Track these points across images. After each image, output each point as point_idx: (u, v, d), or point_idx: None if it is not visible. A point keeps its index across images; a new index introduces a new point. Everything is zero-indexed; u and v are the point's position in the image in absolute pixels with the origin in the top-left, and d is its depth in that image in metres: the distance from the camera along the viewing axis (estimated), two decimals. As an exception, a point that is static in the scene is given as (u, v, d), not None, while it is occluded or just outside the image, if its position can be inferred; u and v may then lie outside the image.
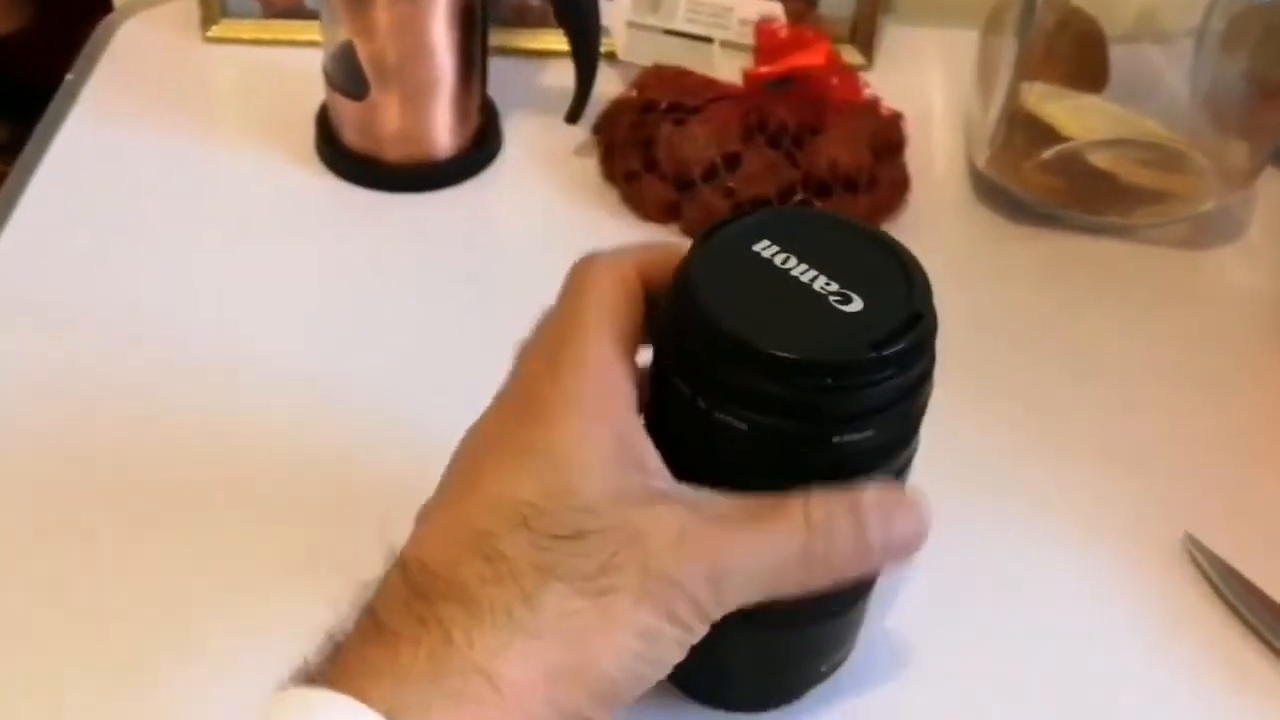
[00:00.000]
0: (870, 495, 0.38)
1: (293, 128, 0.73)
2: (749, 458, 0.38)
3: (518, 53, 0.79)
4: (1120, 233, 0.70)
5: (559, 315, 0.40)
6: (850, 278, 0.38)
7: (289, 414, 0.58)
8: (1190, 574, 0.54)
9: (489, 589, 0.35)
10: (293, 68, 0.76)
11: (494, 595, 0.35)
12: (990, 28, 0.73)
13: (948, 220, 0.71)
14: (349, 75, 0.68)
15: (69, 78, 0.76)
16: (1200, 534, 0.55)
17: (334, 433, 0.57)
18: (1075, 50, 0.69)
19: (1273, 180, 0.71)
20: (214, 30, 0.79)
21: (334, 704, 0.33)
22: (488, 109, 0.73)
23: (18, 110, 0.84)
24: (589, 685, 0.35)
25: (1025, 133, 0.69)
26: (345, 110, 0.70)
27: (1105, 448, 0.59)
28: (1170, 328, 0.66)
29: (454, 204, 0.70)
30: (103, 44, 0.78)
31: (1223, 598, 0.53)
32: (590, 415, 0.37)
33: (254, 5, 0.79)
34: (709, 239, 0.39)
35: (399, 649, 0.34)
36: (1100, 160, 0.70)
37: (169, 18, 0.80)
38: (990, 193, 0.72)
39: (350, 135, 0.71)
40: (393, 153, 0.70)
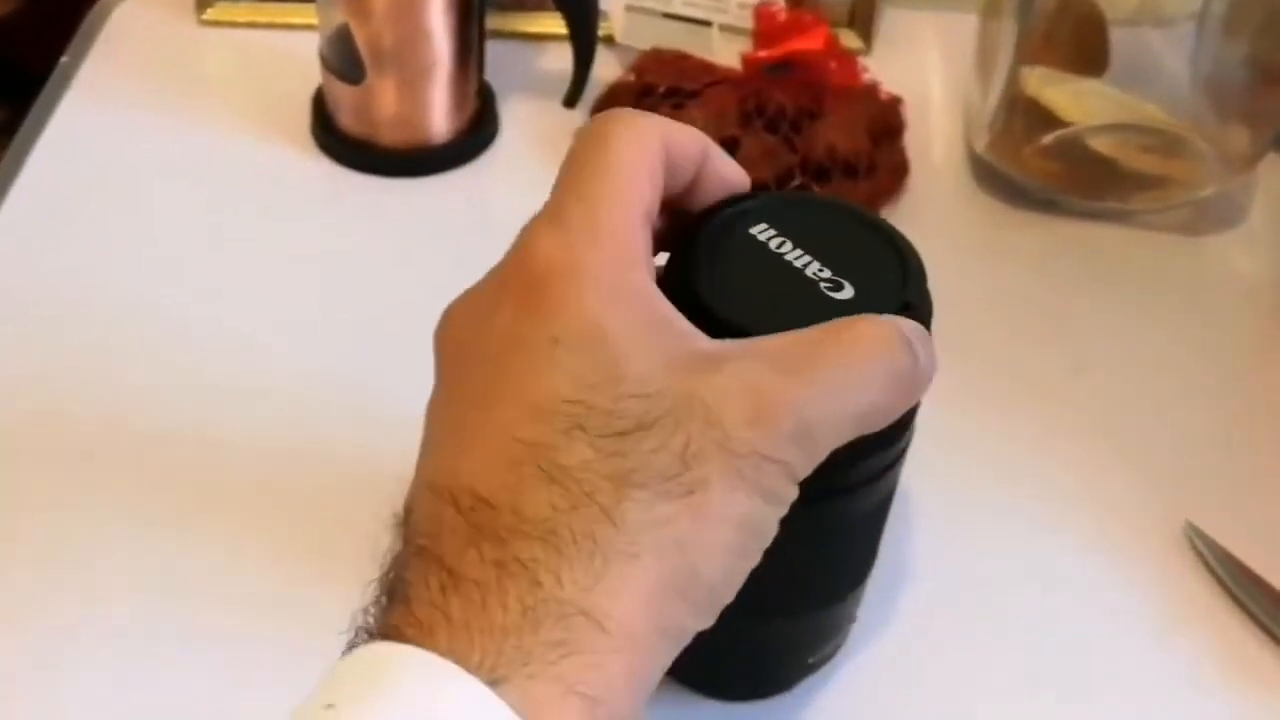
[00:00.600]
0: (901, 320, 0.36)
1: (288, 111, 0.72)
2: None
3: (515, 36, 0.79)
4: (1120, 218, 0.70)
5: (578, 176, 0.36)
6: (844, 265, 0.38)
7: (283, 397, 0.58)
8: (1191, 562, 0.54)
9: (564, 518, 0.31)
10: (288, 51, 0.75)
11: (573, 523, 0.31)
12: (989, 11, 0.72)
13: (947, 205, 0.71)
14: (345, 59, 0.68)
15: (64, 60, 0.75)
16: (1201, 522, 0.54)
17: (329, 416, 0.57)
18: (1075, 34, 0.68)
19: (1274, 166, 0.71)
20: (209, 13, 0.79)
21: (431, 665, 0.29)
22: (485, 93, 0.73)
23: (12, 93, 0.84)
24: (691, 596, 0.32)
25: (1025, 117, 0.69)
26: (341, 94, 0.70)
27: (1105, 434, 0.59)
28: (1170, 313, 0.66)
29: (451, 188, 0.70)
30: (97, 26, 0.78)
31: (1224, 586, 0.53)
32: (608, 289, 0.33)
33: (249, -12, 0.79)
34: (708, 220, 0.39)
35: (485, 600, 0.30)
36: (1100, 145, 0.70)
37: (164, 0, 0.80)
38: (990, 178, 0.71)
39: (346, 119, 0.70)
40: (389, 137, 0.70)
